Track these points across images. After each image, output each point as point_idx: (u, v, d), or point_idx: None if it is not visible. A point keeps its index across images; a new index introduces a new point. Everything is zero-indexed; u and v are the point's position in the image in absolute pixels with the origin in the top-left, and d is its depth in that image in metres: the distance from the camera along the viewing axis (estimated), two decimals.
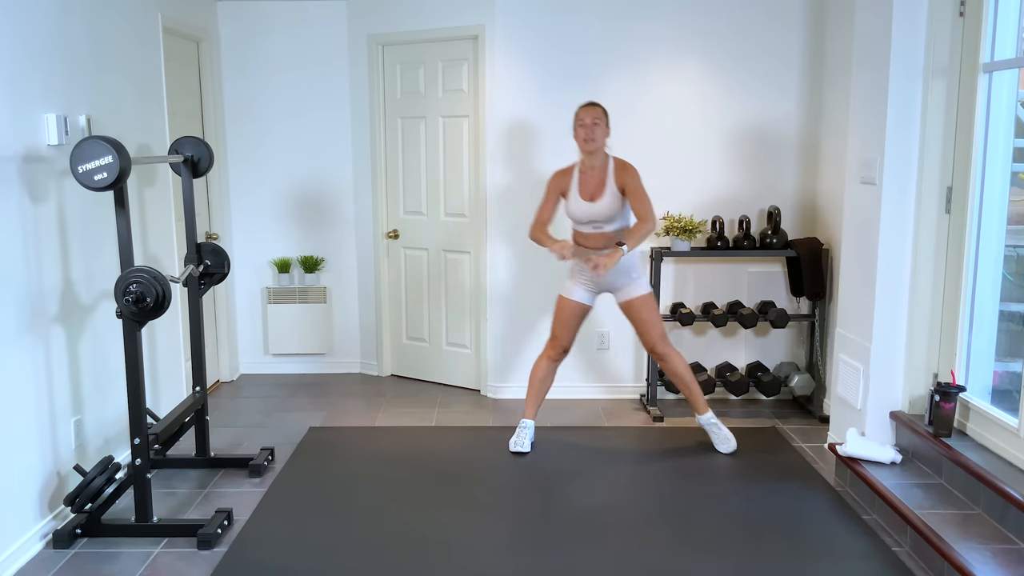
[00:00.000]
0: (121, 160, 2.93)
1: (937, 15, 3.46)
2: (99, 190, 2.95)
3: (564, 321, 4.13)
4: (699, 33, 4.72)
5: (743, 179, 4.83)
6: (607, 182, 3.94)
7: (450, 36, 4.90)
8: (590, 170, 3.98)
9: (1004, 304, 3.50)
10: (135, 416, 3.19)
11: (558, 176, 4.05)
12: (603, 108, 3.94)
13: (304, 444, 4.27)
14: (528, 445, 4.17)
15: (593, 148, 3.92)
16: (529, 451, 4.16)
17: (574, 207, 3.99)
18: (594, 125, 3.89)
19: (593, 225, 3.98)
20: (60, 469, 3.37)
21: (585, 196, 3.95)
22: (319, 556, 3.12)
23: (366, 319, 5.51)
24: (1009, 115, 3.37)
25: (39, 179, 3.22)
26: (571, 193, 3.99)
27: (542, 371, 4.22)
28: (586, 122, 3.89)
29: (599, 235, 4.00)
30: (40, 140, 3.23)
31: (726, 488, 3.71)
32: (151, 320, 3.31)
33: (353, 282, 5.50)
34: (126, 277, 3.04)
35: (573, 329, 4.15)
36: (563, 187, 4.02)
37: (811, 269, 4.58)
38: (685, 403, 4.92)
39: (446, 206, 5.14)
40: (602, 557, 3.11)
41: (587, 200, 3.94)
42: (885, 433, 3.73)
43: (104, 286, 3.71)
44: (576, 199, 3.97)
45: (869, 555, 3.12)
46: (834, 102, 4.55)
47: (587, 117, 3.90)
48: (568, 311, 4.11)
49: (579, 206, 3.96)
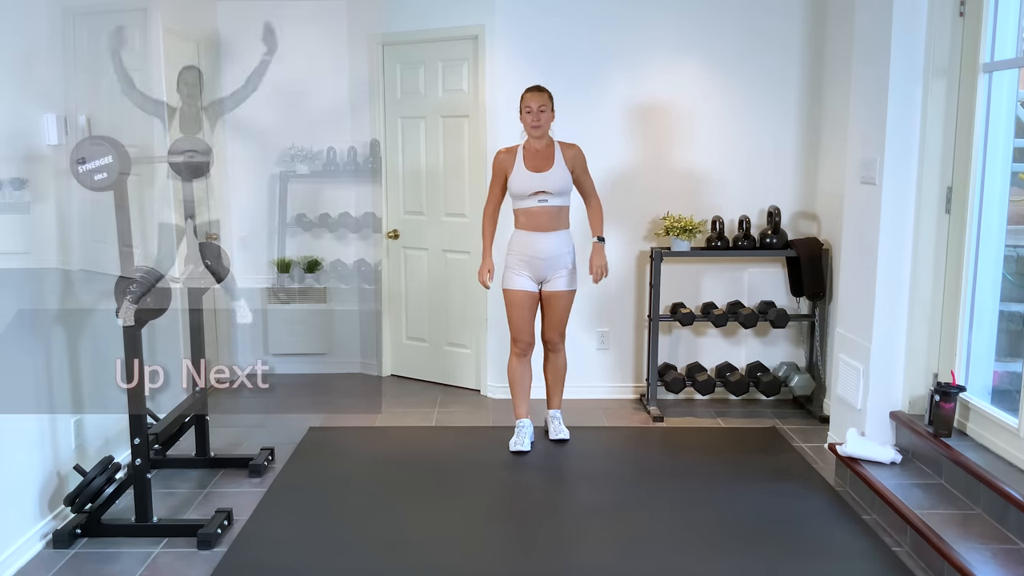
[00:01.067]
0: (120, 160, 2.93)
1: (937, 15, 3.45)
2: (99, 190, 2.95)
3: (518, 316, 4.11)
4: (699, 33, 4.71)
5: (743, 179, 4.83)
6: (555, 158, 3.99)
7: (450, 36, 4.90)
8: (536, 149, 4.01)
9: (1004, 304, 3.50)
10: (135, 416, 3.19)
11: (502, 154, 4.06)
12: (549, 93, 3.99)
13: (304, 444, 4.26)
14: (528, 444, 4.16)
15: (540, 133, 3.98)
16: (529, 450, 4.15)
17: (521, 180, 3.98)
18: (540, 111, 3.94)
19: (539, 198, 3.97)
20: (60, 469, 3.37)
21: (532, 168, 3.97)
22: (319, 556, 3.12)
23: (366, 319, 5.51)
24: (1009, 115, 3.37)
25: (39, 179, 3.21)
26: (516, 168, 3.99)
27: (517, 370, 4.22)
28: (533, 108, 3.93)
29: (545, 210, 3.99)
30: (40, 140, 3.23)
31: (726, 488, 3.71)
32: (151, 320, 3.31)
33: (353, 282, 5.49)
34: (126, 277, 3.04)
35: (529, 321, 4.13)
36: (507, 165, 4.02)
37: (811, 269, 4.58)
38: (685, 403, 4.93)
39: (446, 206, 5.14)
40: (602, 557, 3.11)
41: (534, 171, 3.96)
42: (885, 433, 3.73)
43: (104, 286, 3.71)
44: (523, 172, 3.98)
45: (869, 555, 3.12)
46: (834, 102, 4.55)
47: (534, 103, 3.94)
48: (518, 303, 4.09)
49: (527, 178, 3.97)
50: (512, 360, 4.22)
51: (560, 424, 4.28)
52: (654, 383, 4.76)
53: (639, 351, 4.99)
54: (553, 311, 4.12)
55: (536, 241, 4.00)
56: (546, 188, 3.96)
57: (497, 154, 4.09)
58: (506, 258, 4.11)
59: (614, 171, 4.82)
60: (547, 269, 4.04)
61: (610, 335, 4.98)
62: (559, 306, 4.11)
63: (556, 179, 3.97)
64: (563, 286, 4.08)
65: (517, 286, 4.07)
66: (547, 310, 4.14)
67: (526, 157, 4.00)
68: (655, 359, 4.75)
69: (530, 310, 4.11)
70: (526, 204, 4.01)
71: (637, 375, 5.02)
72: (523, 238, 4.03)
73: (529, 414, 4.29)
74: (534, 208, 3.99)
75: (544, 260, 4.02)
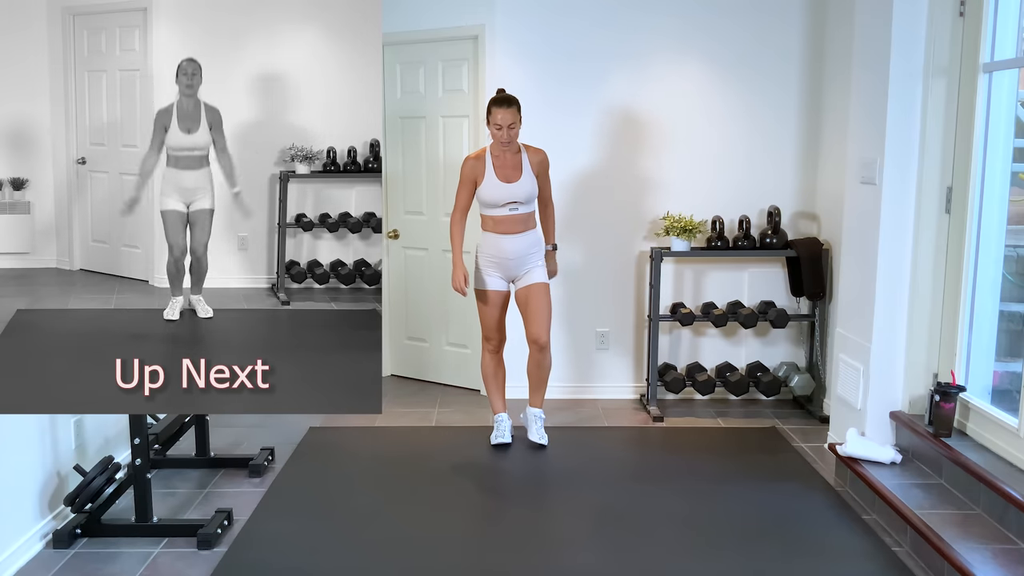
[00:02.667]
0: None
1: (937, 15, 3.46)
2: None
3: (490, 315, 4.12)
4: (700, 33, 4.71)
5: (743, 179, 4.83)
6: (522, 165, 3.99)
7: (450, 36, 4.90)
8: (503, 155, 4.00)
9: (1004, 304, 3.50)
10: (135, 416, 3.19)
11: (471, 161, 4.03)
12: (517, 105, 3.95)
13: (304, 444, 4.26)
14: (508, 435, 4.20)
15: (510, 149, 3.98)
16: (510, 441, 4.18)
17: (491, 191, 3.98)
18: (510, 128, 3.91)
19: (510, 207, 3.98)
20: (60, 469, 3.37)
21: (503, 179, 3.97)
22: (319, 556, 3.12)
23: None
24: (1009, 115, 3.37)
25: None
26: (486, 178, 3.98)
27: (490, 367, 4.25)
28: (503, 126, 3.90)
29: (513, 217, 3.99)
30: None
31: (726, 488, 3.71)
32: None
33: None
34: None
35: (500, 320, 4.15)
36: (477, 173, 4.01)
37: (811, 269, 4.58)
38: (685, 403, 4.93)
39: (446, 206, 5.13)
40: (602, 557, 3.11)
41: (505, 182, 3.96)
42: (885, 433, 3.73)
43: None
44: (493, 182, 3.97)
45: (869, 555, 3.12)
46: (834, 102, 4.55)
47: (503, 120, 3.90)
48: (491, 303, 4.10)
49: (497, 189, 3.96)
50: (485, 356, 4.24)
51: (540, 427, 4.24)
52: (654, 383, 4.76)
53: (639, 351, 4.99)
54: (532, 307, 4.09)
55: (504, 243, 4.01)
56: (516, 198, 3.98)
57: (466, 160, 4.05)
58: (476, 259, 4.12)
59: (613, 171, 4.82)
60: (516, 267, 4.06)
61: (610, 335, 4.98)
62: (537, 299, 4.08)
63: (525, 189, 3.99)
64: (536, 278, 4.07)
65: (488, 286, 4.09)
66: (526, 307, 4.12)
67: (496, 166, 3.99)
68: (655, 359, 4.75)
69: (501, 308, 4.14)
70: (496, 212, 4.01)
71: (637, 375, 5.02)
72: (492, 240, 4.04)
73: (506, 409, 4.30)
74: (503, 216, 4.01)
75: (512, 260, 4.04)
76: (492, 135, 3.98)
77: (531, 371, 4.28)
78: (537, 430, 4.23)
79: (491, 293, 4.09)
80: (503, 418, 4.26)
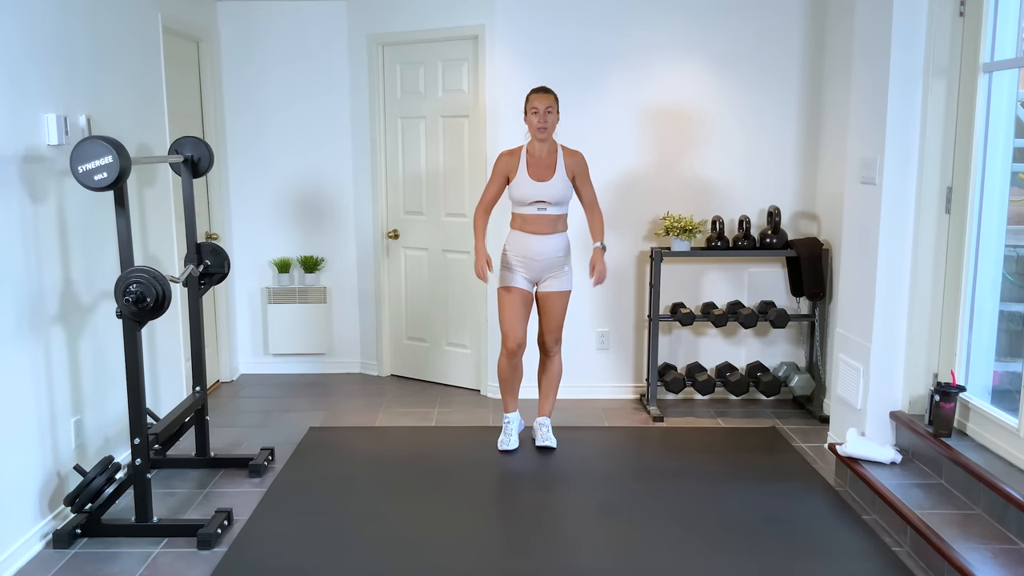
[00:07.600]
0: (121, 160, 2.93)
1: (937, 15, 3.46)
2: (99, 190, 2.95)
3: (513, 313, 4.05)
4: (700, 33, 4.72)
5: (743, 179, 4.83)
6: (556, 166, 3.97)
7: (450, 36, 4.90)
8: (538, 154, 3.99)
9: (1004, 304, 3.49)
10: (135, 416, 3.20)
11: (505, 157, 4.03)
12: (555, 95, 3.96)
13: (304, 444, 4.27)
14: (515, 442, 4.17)
15: (545, 136, 3.95)
16: (517, 447, 4.16)
17: (522, 188, 3.97)
18: (547, 112, 3.91)
19: (539, 206, 3.97)
20: (60, 469, 3.37)
21: (534, 177, 3.96)
22: (319, 556, 3.12)
23: (366, 319, 5.51)
24: (1009, 115, 3.37)
25: (39, 179, 3.21)
26: (518, 174, 3.98)
27: (506, 370, 4.18)
28: (539, 109, 3.90)
29: (543, 217, 3.98)
30: (40, 140, 3.23)
31: (726, 488, 3.71)
32: (151, 320, 3.31)
33: (353, 282, 5.50)
34: (126, 277, 3.04)
35: (522, 320, 4.07)
36: (510, 169, 4.00)
37: (811, 269, 4.58)
38: (685, 403, 4.93)
39: (446, 206, 5.14)
40: (602, 557, 3.11)
41: (536, 180, 3.95)
42: (885, 433, 3.73)
43: (104, 286, 3.71)
44: (525, 180, 3.96)
45: (869, 555, 3.12)
46: (834, 102, 4.55)
47: (540, 104, 3.90)
48: (513, 302, 4.05)
49: (528, 187, 3.96)
50: (502, 360, 4.17)
51: (548, 432, 4.23)
52: (654, 383, 4.76)
53: (639, 351, 4.99)
54: (548, 312, 4.11)
55: (532, 243, 4.00)
56: (546, 198, 3.95)
57: (500, 156, 4.06)
58: (502, 257, 4.11)
59: (613, 171, 4.82)
60: (543, 270, 4.04)
61: (610, 335, 4.98)
62: (554, 307, 4.10)
63: (556, 190, 3.95)
64: (557, 287, 4.07)
65: (516, 284, 4.06)
66: (542, 311, 4.13)
67: (529, 163, 3.98)
68: (655, 359, 4.75)
69: (524, 310, 4.08)
70: (525, 210, 4.01)
71: (637, 375, 5.02)
72: (519, 238, 4.03)
73: (518, 409, 4.29)
74: (532, 215, 3.99)
75: (540, 261, 4.01)
76: (528, 125, 3.96)
77: (540, 377, 4.28)
78: (544, 435, 4.22)
79: (516, 292, 4.04)
80: (513, 418, 4.24)
